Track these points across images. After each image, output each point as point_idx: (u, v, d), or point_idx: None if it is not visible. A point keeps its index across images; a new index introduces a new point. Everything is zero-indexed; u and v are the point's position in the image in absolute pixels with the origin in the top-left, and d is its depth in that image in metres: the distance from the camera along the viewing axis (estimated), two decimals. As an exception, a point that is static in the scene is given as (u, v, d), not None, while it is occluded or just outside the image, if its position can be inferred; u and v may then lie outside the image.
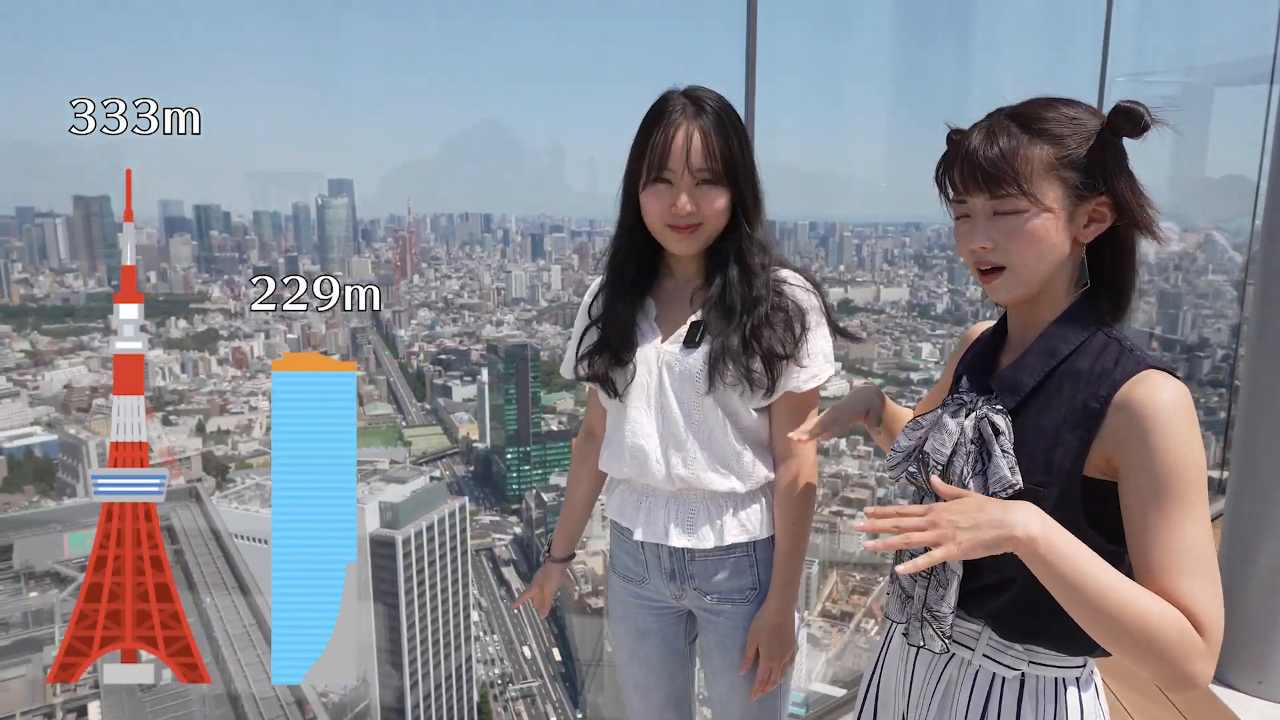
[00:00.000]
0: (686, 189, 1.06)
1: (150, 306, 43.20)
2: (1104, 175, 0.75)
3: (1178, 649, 0.65)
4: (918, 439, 0.86)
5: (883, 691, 0.97)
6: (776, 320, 1.06)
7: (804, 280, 1.11)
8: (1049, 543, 0.67)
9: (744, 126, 1.09)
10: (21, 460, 32.67)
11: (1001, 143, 0.75)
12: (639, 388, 1.14)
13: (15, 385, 35.92)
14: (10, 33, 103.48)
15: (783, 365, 1.07)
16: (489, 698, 32.94)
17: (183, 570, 23.97)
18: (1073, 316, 0.78)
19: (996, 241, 0.76)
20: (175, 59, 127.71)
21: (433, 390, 46.42)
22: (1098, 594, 0.66)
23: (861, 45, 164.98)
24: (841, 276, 44.01)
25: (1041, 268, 0.76)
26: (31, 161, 49.18)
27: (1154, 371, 0.72)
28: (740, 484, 1.11)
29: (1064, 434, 0.74)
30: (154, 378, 38.17)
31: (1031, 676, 0.81)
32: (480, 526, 40.03)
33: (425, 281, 51.77)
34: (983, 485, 0.77)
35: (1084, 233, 0.77)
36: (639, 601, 1.22)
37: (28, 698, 20.08)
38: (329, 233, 49.79)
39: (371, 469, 34.52)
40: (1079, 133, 0.75)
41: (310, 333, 43.88)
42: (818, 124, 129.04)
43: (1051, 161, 0.74)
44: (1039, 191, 0.74)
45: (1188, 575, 0.67)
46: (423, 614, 29.98)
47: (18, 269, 42.36)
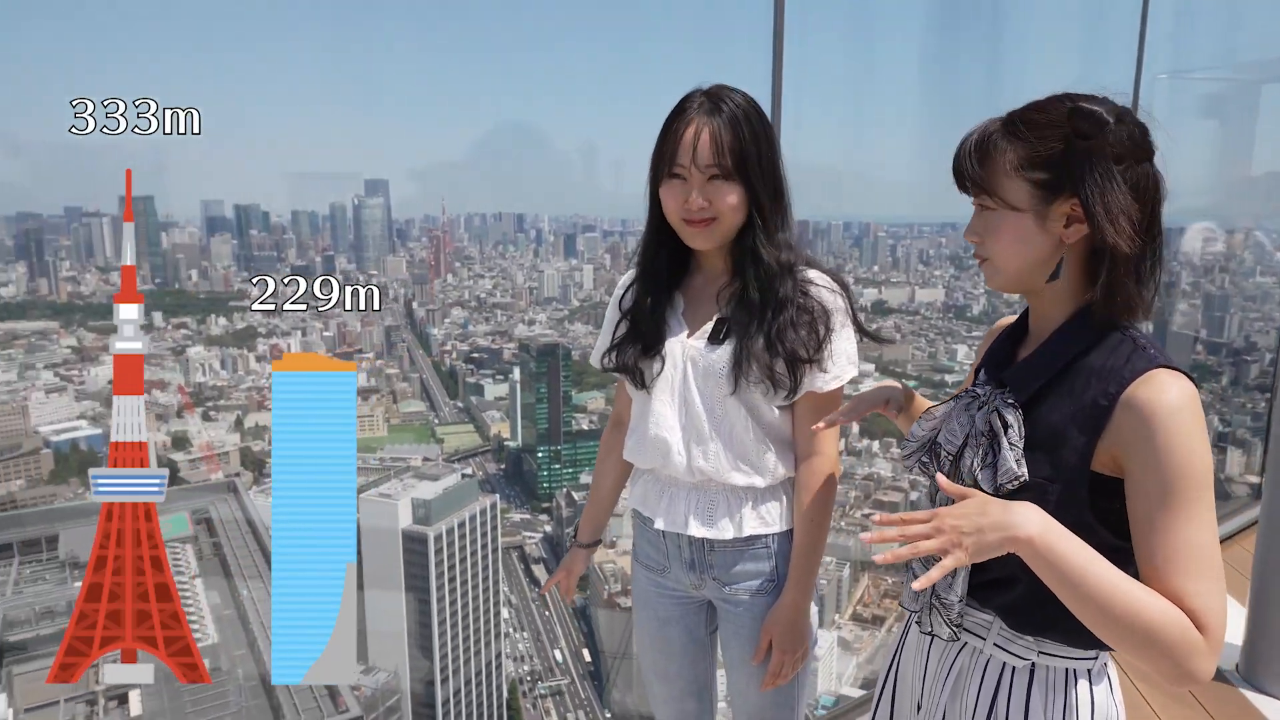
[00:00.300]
0: (698, 184, 1.07)
1: (191, 304, 44.10)
2: (1069, 177, 0.74)
3: (1179, 647, 0.66)
4: (931, 429, 0.87)
5: (900, 680, 0.98)
6: (801, 322, 1.06)
7: (830, 281, 1.11)
8: (1047, 542, 0.68)
9: (768, 125, 1.08)
10: (67, 453, 33.58)
11: (974, 144, 0.78)
12: (664, 381, 1.16)
13: (62, 380, 36.92)
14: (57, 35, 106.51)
15: (805, 367, 1.06)
16: (518, 694, 33.16)
17: (220, 561, 24.43)
18: (1085, 315, 0.79)
19: (981, 235, 0.79)
20: (219, 61, 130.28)
21: (465, 388, 46.81)
22: (1099, 593, 0.67)
23: (894, 43, 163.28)
24: (875, 277, 43.55)
25: (1016, 263, 0.78)
26: (79, 161, 50.59)
27: (1162, 371, 0.72)
28: (760, 479, 1.12)
29: (1071, 430, 0.75)
30: (194, 374, 38.99)
31: (1041, 667, 0.82)
32: (511, 524, 40.27)
33: (459, 280, 52.23)
34: (991, 478, 0.78)
35: (1065, 233, 0.76)
36: (660, 590, 1.25)
37: (71, 685, 20.60)
38: (365, 232, 50.45)
39: (405, 466, 34.95)
40: (1053, 134, 0.74)
41: (346, 331, 44.52)
42: (851, 123, 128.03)
43: (1018, 162, 0.75)
44: (1003, 191, 0.76)
45: (1191, 575, 0.68)
46: (453, 610, 30.25)
47: (65, 267, 43.54)
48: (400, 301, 49.78)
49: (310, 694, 21.16)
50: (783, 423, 1.13)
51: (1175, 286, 18.84)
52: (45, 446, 33.50)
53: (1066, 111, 0.74)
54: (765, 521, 1.13)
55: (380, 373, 45.96)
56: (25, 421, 33.23)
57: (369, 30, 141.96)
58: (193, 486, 31.91)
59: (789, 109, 1.56)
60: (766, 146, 1.08)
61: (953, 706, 0.87)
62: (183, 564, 24.38)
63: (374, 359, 46.29)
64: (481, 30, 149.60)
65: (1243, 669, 1.98)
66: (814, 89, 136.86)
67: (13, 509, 28.02)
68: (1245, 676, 1.97)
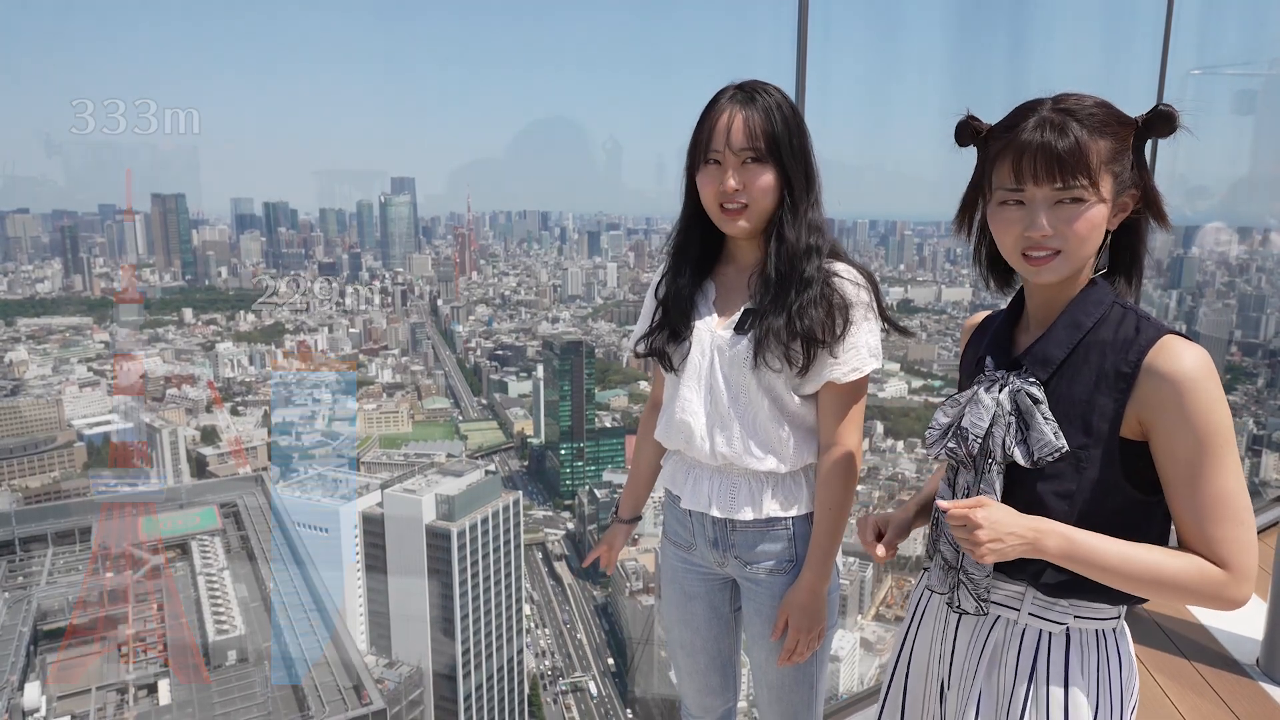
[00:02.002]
0: (734, 168, 1.09)
1: (220, 300, 44.72)
2: (1140, 170, 0.81)
3: (1203, 587, 0.77)
4: (955, 415, 0.90)
5: (915, 662, 1.00)
6: (822, 306, 1.07)
7: (856, 275, 1.11)
8: (1066, 549, 0.78)
9: (799, 115, 1.10)
10: (100, 446, 34.21)
11: (1073, 136, 0.79)
12: (692, 366, 1.18)
13: (95, 375, 37.63)
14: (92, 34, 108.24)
15: (820, 351, 1.08)
16: (539, 690, 33.31)
17: (248, 554, 24.76)
18: (1090, 294, 0.84)
19: (1056, 228, 0.80)
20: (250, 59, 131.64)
21: (489, 385, 47.03)
22: (1120, 569, 0.78)
23: (918, 39, 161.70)
24: (902, 276, 43.18)
25: (1088, 251, 0.82)
26: (113, 159, 51.31)
27: (1175, 338, 0.78)
28: (781, 465, 1.13)
29: (1098, 398, 0.80)
30: (223, 369, 39.57)
31: (1076, 630, 0.87)
32: (533, 521, 40.43)
33: (483, 278, 52.48)
34: (1026, 453, 0.82)
35: (1113, 221, 0.82)
36: (687, 566, 1.28)
37: (102, 673, 21.02)
38: (391, 230, 50.87)
39: (429, 462, 35.21)
40: (1125, 131, 0.80)
41: (372, 328, 44.98)
42: (875, 120, 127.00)
43: (1109, 155, 0.79)
44: (1099, 182, 0.79)
45: (1219, 522, 0.77)
46: (476, 606, 30.45)
47: (99, 263, 44.34)
48: (425, 299, 50.16)
49: (335, 685, 21.41)
50: (805, 411, 1.14)
51: (1210, 286, 18.36)
52: (79, 440, 34.17)
53: (1153, 112, 0.80)
54: (785, 505, 1.15)
55: (405, 369, 46.31)
56: (59, 414, 33.94)
57: (396, 28, 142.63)
58: (221, 480, 32.39)
59: (813, 105, 1.57)
60: (798, 133, 1.10)
61: (989, 679, 0.90)
62: (211, 556, 24.77)
63: (399, 356, 46.68)
64: (509, 28, 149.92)
65: (1263, 663, 1.97)
66: (838, 86, 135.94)
67: (47, 501, 28.62)
68: (1265, 671, 1.95)
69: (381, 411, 42.48)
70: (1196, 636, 2.09)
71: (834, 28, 20.46)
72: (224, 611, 21.56)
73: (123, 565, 23.05)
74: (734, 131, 1.07)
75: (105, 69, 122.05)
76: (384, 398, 43.62)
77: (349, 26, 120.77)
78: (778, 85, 1.11)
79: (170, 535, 24.41)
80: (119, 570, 22.76)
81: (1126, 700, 0.88)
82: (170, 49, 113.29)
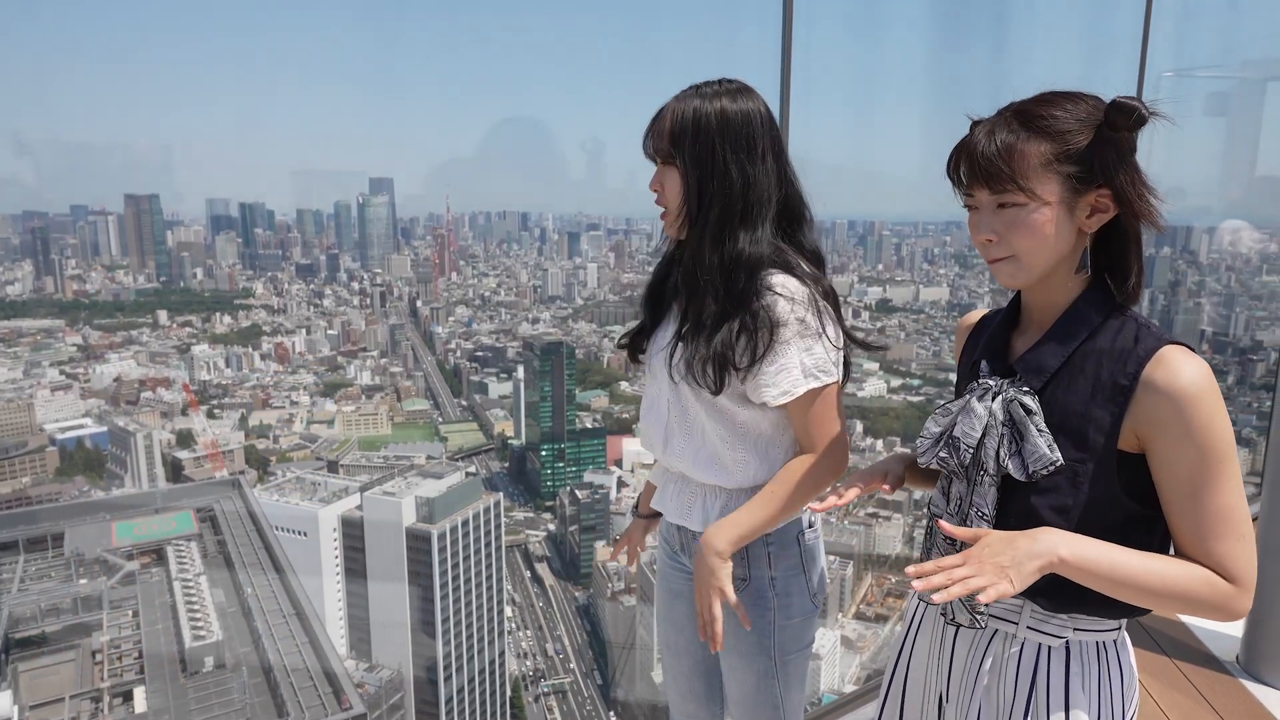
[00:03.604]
0: (658, 169, 1.05)
1: (196, 301, 44.20)
2: (1102, 168, 0.76)
3: (1210, 599, 0.75)
4: (947, 424, 0.87)
5: (913, 672, 0.98)
6: (738, 322, 1.00)
7: (795, 290, 1.01)
8: (1078, 555, 0.75)
9: (731, 114, 1.02)
10: (73, 451, 33.69)
11: (1000, 140, 0.76)
12: (650, 372, 1.16)
13: (68, 378, 37.05)
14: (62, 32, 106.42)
15: (733, 375, 1.01)
16: (521, 691, 33.22)
17: (225, 559, 24.48)
18: (1088, 299, 0.81)
19: (1000, 233, 0.78)
20: (224, 58, 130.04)
21: (469, 387, 46.84)
22: (1131, 581, 0.75)
23: (898, 43, 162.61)
24: (880, 276, 43.48)
25: (1043, 256, 0.78)
26: (85, 161, 50.63)
27: (1174, 348, 0.75)
28: (727, 481, 1.09)
29: (1095, 409, 0.77)
30: (199, 371, 39.10)
31: (1076, 643, 0.84)
32: (514, 523, 40.31)
33: (463, 279, 52.28)
34: (1021, 465, 0.79)
35: (1087, 222, 0.78)
36: (673, 564, 1.26)
37: (77, 681, 20.69)
38: (369, 230, 50.56)
39: (408, 464, 34.99)
40: (1078, 128, 0.76)
41: (350, 330, 44.67)
42: (855, 121, 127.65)
43: (1049, 157, 0.75)
44: (1036, 186, 0.75)
45: (1222, 538, 0.75)
46: (457, 608, 30.30)
47: (71, 265, 43.66)
48: (404, 300, 49.86)
49: (314, 690, 21.22)
50: (760, 423, 1.08)
51: (1182, 285, 18.63)
52: (51, 444, 33.63)
53: (1101, 106, 0.76)
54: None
55: (384, 371, 46.05)
56: (30, 418, 33.39)
57: (374, 27, 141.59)
58: (197, 484, 31.97)
59: (796, 108, 1.56)
60: (713, 131, 1.01)
61: (989, 694, 0.88)
62: (188, 561, 24.47)
63: (378, 357, 46.39)
64: (488, 26, 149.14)
65: (1243, 660, 1.99)
66: (818, 87, 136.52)
67: (18, 506, 28.12)
68: (1245, 668, 1.98)
69: (360, 413, 42.18)
70: (1177, 634, 2.11)
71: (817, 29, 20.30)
72: (201, 617, 21.28)
73: (96, 572, 22.71)
74: (652, 132, 1.03)
75: (77, 67, 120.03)
76: (363, 400, 43.32)
77: (329, 27, 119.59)
78: (746, 84, 1.03)
79: (145, 540, 24.04)
80: (92, 577, 22.43)
81: (1128, 712, 0.87)
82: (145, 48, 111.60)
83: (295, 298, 45.28)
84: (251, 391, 39.33)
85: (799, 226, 1.04)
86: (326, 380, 41.67)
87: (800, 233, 1.04)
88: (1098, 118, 0.75)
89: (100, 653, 19.76)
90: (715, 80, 1.02)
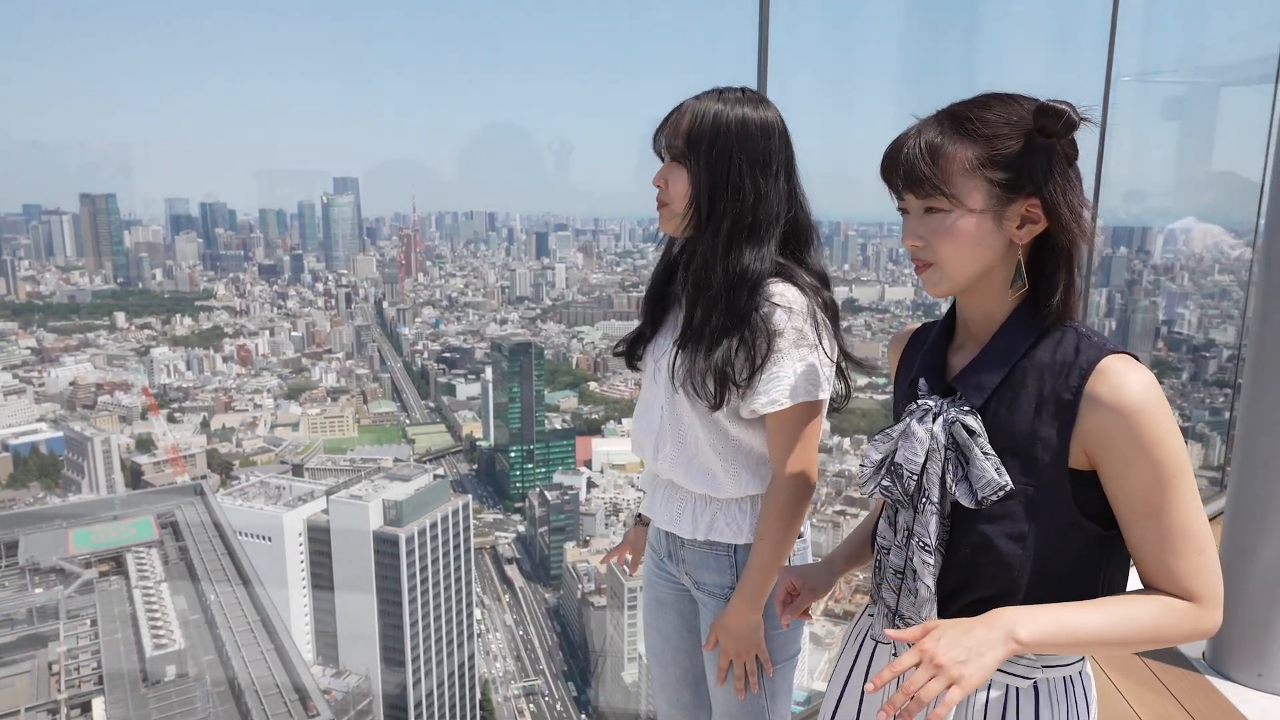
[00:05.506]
0: (665, 164, 1.04)
1: (156, 303, 43.25)
2: (1030, 176, 0.72)
3: (1178, 627, 0.71)
4: (888, 450, 0.82)
5: (866, 706, 0.92)
6: (738, 338, 1.00)
7: (793, 300, 1.01)
8: (1039, 630, 0.70)
9: (756, 123, 1.02)
10: (27, 457, 32.78)
11: (925, 142, 0.73)
12: (646, 377, 1.17)
13: (21, 382, 36.05)
14: (15, 29, 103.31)
15: (733, 387, 1.01)
16: (491, 694, 33.01)
17: (187, 566, 23.96)
18: (1024, 313, 0.77)
19: (925, 239, 0.75)
20: (187, 54, 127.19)
21: (437, 388, 46.44)
22: (1095, 640, 0.71)
23: (870, 45, 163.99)
24: (846, 276, 43.93)
25: (967, 266, 0.75)
26: (40, 159, 49.40)
27: (1116, 358, 0.72)
28: (717, 491, 1.09)
29: (1040, 428, 0.73)
30: (159, 375, 38.26)
31: (1044, 681, 0.80)
32: (483, 525, 40.04)
33: (430, 280, 51.80)
34: (969, 492, 0.75)
35: (1018, 233, 0.74)
36: (660, 572, 1.25)
37: (33, 693, 20.16)
38: (334, 230, 49.88)
39: (375, 466, 34.57)
40: (1009, 132, 0.72)
41: (315, 331, 44.01)
42: (823, 121, 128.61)
43: (975, 162, 0.72)
44: (959, 192, 0.72)
45: (1183, 556, 0.71)
46: (425, 611, 30.01)
47: (24, 266, 42.47)
48: (370, 301, 49.27)
49: (280, 698, 20.88)
50: (753, 439, 1.08)
51: (1138, 284, 19.03)
52: (4, 450, 32.70)
53: (1032, 110, 0.72)
54: (727, 531, 1.11)
55: (350, 373, 45.47)
56: (-17, 424, 32.38)
57: (340, 25, 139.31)
58: (158, 490, 31.30)
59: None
60: (732, 139, 1.00)
61: None
62: (148, 569, 23.94)
63: (343, 359, 45.79)
64: (455, 24, 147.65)
65: (1209, 657, 2.03)
66: (789, 86, 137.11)
67: (-30, 514, 27.27)
68: (1212, 664, 2.02)
69: (326, 416, 41.66)
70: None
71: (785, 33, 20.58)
72: (162, 626, 20.83)
73: (53, 581, 22.15)
74: (668, 126, 1.02)
75: (29, 63, 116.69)
76: (328, 402, 42.80)
77: (292, 24, 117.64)
78: (766, 97, 1.03)
79: (104, 548, 23.50)
80: (48, 586, 21.87)
81: None
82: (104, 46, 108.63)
83: (258, 299, 44.55)
84: (213, 395, 38.60)
85: (806, 249, 1.03)
86: (291, 383, 41.02)
87: (807, 255, 1.03)
88: (1030, 123, 0.71)
89: (57, 664, 19.26)
90: (738, 87, 1.01)
